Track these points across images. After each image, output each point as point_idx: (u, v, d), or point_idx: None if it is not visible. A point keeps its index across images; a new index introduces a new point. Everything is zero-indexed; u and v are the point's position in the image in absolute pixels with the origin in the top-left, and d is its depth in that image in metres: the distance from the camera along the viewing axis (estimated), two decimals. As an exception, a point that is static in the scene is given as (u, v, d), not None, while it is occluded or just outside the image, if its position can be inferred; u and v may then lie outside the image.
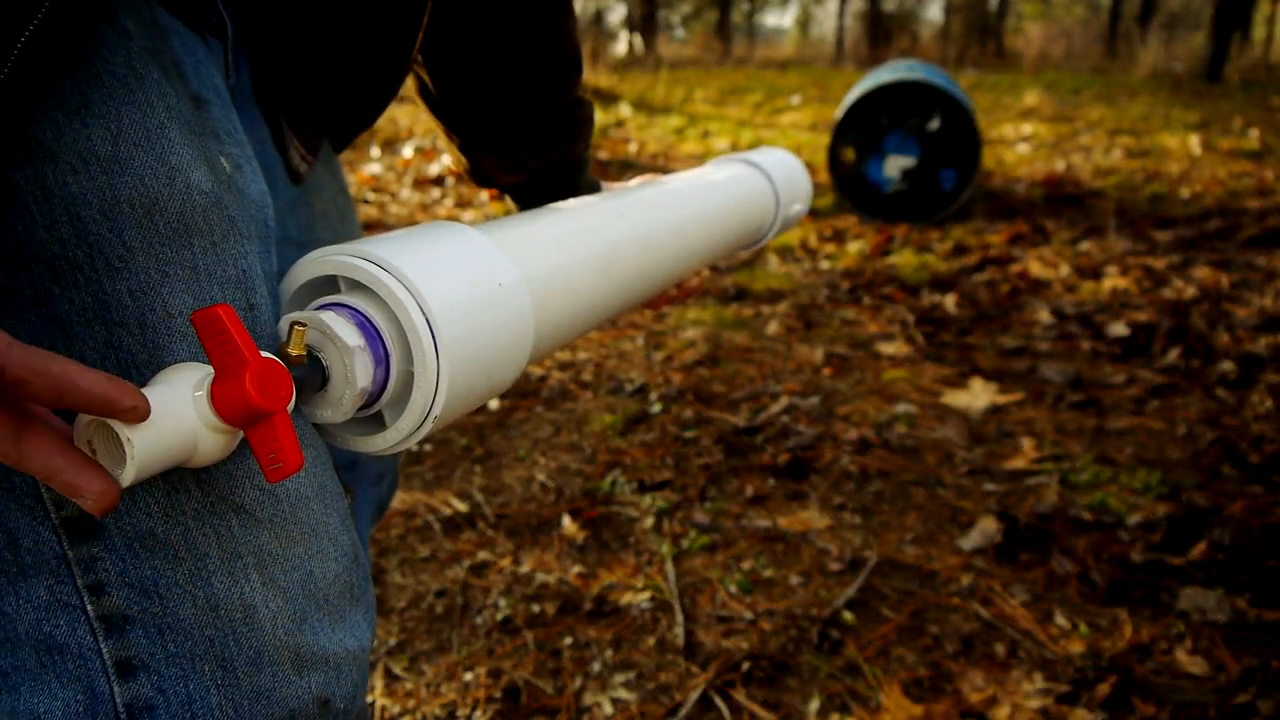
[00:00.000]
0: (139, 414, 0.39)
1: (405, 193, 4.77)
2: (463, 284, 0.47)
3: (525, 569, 1.62)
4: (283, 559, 0.52)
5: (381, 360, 0.46)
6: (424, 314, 0.44)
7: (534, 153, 0.83)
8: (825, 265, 3.64)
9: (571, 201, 0.67)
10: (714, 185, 0.80)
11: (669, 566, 1.62)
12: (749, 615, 1.49)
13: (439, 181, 4.98)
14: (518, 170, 0.84)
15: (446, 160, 5.18)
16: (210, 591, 0.49)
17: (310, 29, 0.61)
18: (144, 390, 0.41)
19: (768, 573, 1.61)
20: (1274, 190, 4.77)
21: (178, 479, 0.48)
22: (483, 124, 0.81)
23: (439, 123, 0.82)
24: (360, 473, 0.92)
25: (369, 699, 1.33)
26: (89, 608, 0.47)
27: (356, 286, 0.47)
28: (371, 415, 0.50)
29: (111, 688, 0.48)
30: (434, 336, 0.45)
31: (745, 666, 1.37)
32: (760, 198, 0.86)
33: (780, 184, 0.88)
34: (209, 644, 0.49)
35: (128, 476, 0.39)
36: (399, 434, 0.47)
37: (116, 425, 0.38)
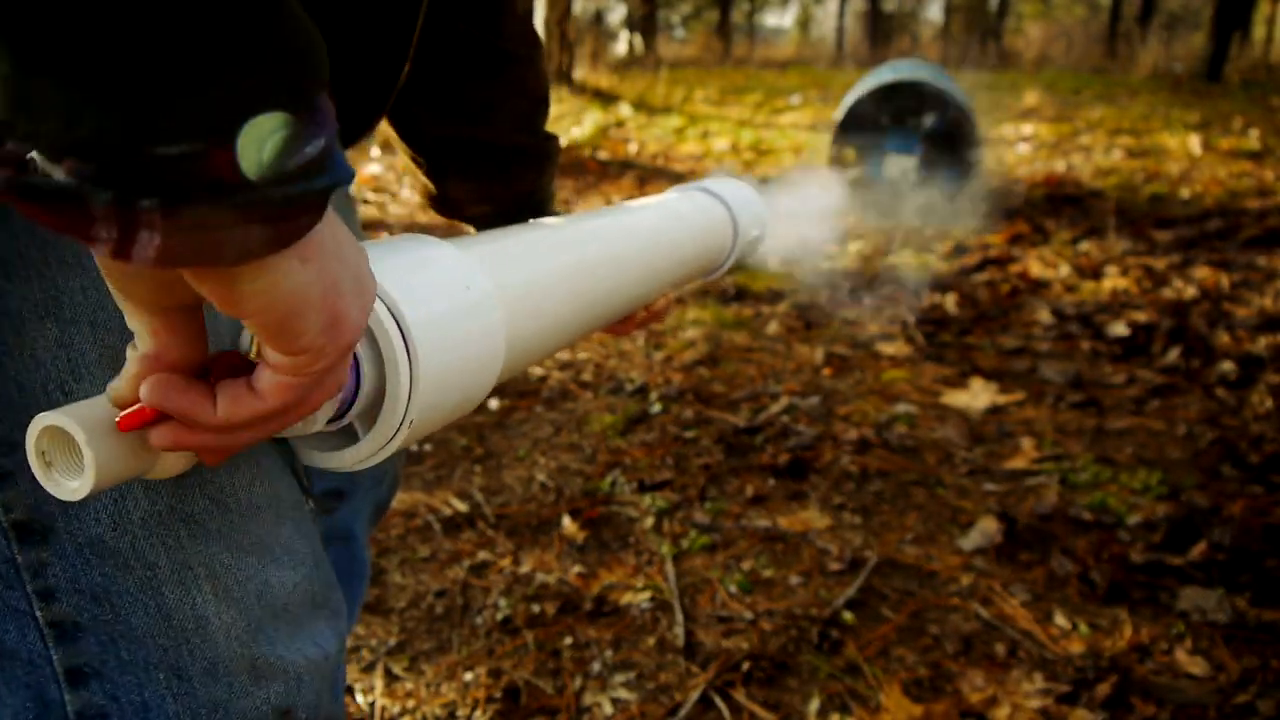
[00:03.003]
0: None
1: (405, 193, 4.77)
2: (435, 294, 0.47)
3: (525, 569, 1.62)
4: (235, 570, 0.51)
5: (352, 369, 0.45)
6: (396, 321, 0.44)
7: (503, 183, 0.83)
8: (825, 265, 3.64)
9: (543, 221, 0.68)
10: (678, 212, 0.82)
11: (669, 566, 1.62)
12: (749, 615, 1.49)
13: (439, 181, 4.97)
14: (486, 200, 0.84)
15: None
16: (161, 601, 0.48)
17: None
18: (102, 396, 0.40)
19: (768, 573, 1.61)
20: (1274, 190, 4.77)
21: (125, 486, 0.47)
22: (452, 151, 0.80)
23: (406, 146, 0.81)
24: (359, 474, 0.92)
25: (369, 699, 1.33)
26: (38, 613, 0.47)
27: None
28: (339, 431, 0.49)
29: (62, 695, 0.48)
30: (407, 345, 0.44)
31: (745, 666, 1.37)
32: (720, 225, 0.89)
33: (739, 213, 0.91)
34: (163, 653, 0.49)
35: (84, 489, 0.38)
36: (373, 446, 0.47)
37: (76, 433, 0.37)
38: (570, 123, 7.60)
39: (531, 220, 0.69)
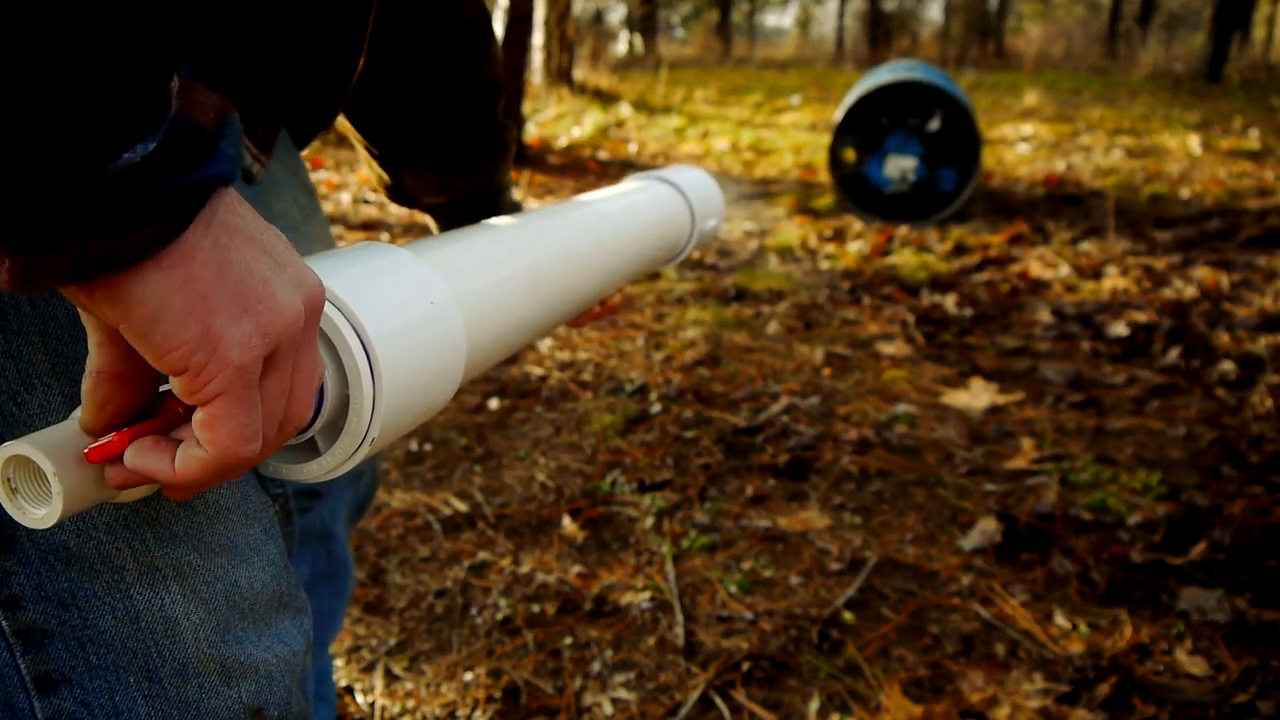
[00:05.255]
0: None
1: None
2: (395, 304, 0.46)
3: (525, 569, 1.62)
4: (204, 570, 0.51)
5: None
6: (358, 335, 0.44)
7: (460, 173, 0.82)
8: (825, 265, 3.64)
9: (499, 220, 0.68)
10: (635, 204, 0.82)
11: (669, 566, 1.62)
12: (749, 615, 1.49)
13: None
14: (442, 191, 0.84)
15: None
16: (130, 603, 0.48)
17: (255, 26, 0.59)
18: (70, 422, 0.40)
19: (768, 573, 1.61)
20: (1274, 190, 4.77)
21: None
22: (406, 140, 0.80)
23: (360, 136, 0.81)
24: None
25: (369, 699, 1.33)
26: (4, 623, 0.47)
27: None
28: (304, 442, 0.49)
29: (32, 703, 0.48)
30: (369, 358, 0.44)
31: (745, 666, 1.37)
32: (677, 215, 0.88)
33: (695, 202, 0.91)
34: (132, 656, 0.49)
35: (51, 517, 0.38)
36: (335, 459, 0.46)
37: (45, 465, 0.37)
38: (570, 123, 7.60)
39: (490, 220, 0.68)
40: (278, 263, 0.38)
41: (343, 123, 0.81)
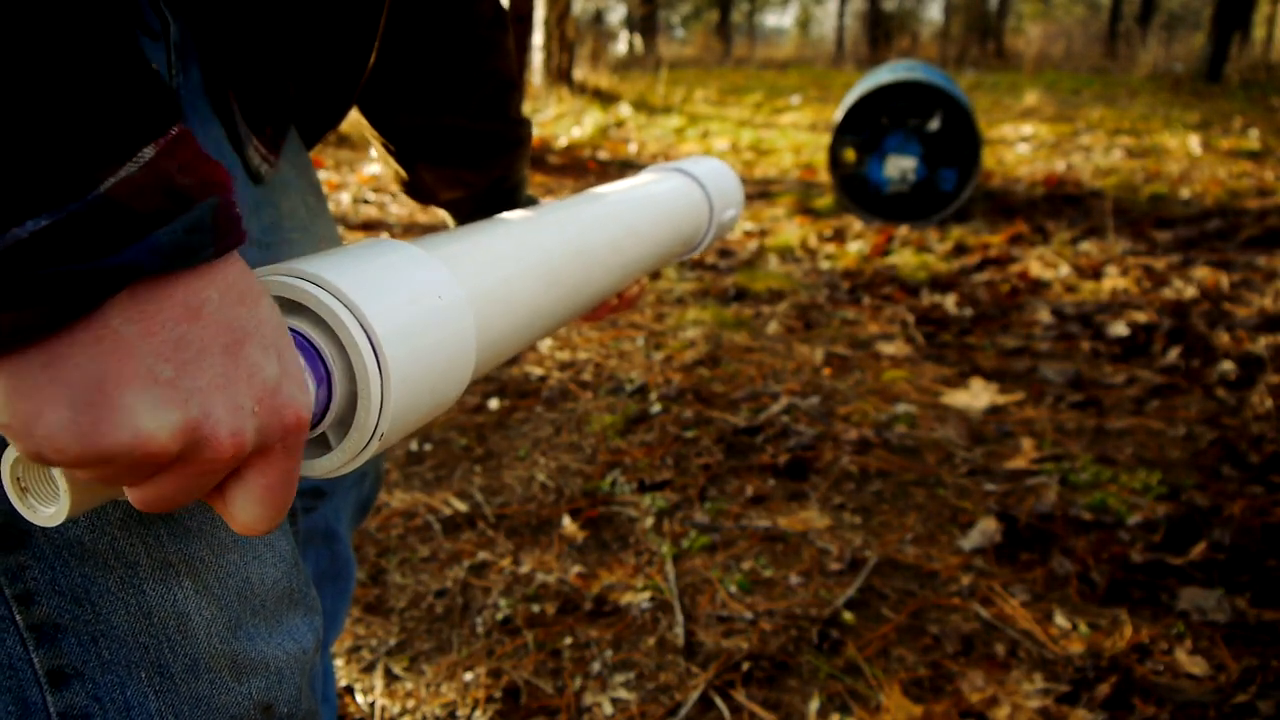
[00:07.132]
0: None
1: (405, 193, 4.77)
2: (403, 300, 0.46)
3: (525, 569, 1.62)
4: (216, 566, 0.51)
5: (323, 380, 0.45)
6: (365, 332, 0.44)
7: (475, 168, 0.82)
8: (825, 265, 3.64)
9: (511, 214, 0.67)
10: (651, 197, 0.81)
11: (669, 566, 1.62)
12: (749, 615, 1.49)
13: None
14: (458, 186, 0.84)
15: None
16: (143, 599, 0.49)
17: (266, 25, 0.59)
18: None
19: (768, 573, 1.61)
20: (1274, 190, 4.77)
21: None
22: (421, 138, 0.80)
23: (376, 133, 0.81)
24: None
25: (369, 699, 1.33)
26: (18, 617, 0.47)
27: (294, 307, 0.46)
28: (314, 438, 0.49)
29: (44, 697, 0.48)
30: (377, 354, 0.44)
31: (745, 666, 1.37)
32: (695, 207, 0.88)
33: (714, 193, 0.90)
34: (144, 651, 0.49)
35: (59, 515, 0.38)
36: (345, 455, 0.47)
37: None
38: (570, 123, 7.61)
39: (502, 214, 0.68)
40: (190, 387, 0.33)
41: (358, 119, 0.81)
